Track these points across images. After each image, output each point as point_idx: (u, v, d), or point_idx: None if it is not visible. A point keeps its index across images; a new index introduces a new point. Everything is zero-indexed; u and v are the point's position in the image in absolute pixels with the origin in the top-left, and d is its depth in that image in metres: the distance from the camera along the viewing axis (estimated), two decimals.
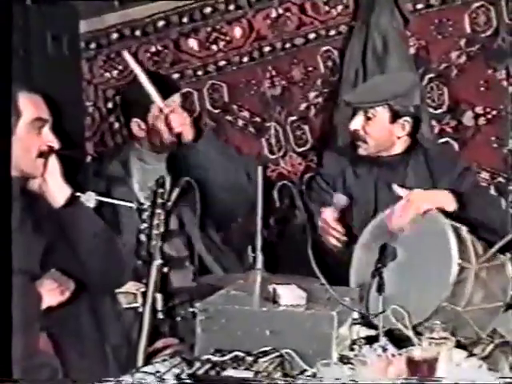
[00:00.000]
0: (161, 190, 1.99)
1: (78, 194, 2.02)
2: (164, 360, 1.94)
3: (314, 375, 1.83)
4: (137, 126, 2.75)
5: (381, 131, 2.67)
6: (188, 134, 2.64)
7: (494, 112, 3.34)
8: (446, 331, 1.95)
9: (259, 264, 2.00)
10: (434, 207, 2.29)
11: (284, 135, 3.42)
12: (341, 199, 2.59)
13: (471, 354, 2.01)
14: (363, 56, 3.22)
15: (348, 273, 2.34)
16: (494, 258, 2.23)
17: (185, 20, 3.43)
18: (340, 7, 3.31)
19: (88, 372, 2.02)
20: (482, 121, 3.36)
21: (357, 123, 2.66)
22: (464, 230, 2.21)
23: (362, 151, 2.70)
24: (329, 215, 2.51)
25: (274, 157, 3.44)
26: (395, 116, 2.64)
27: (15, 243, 1.75)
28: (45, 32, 3.05)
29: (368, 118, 2.64)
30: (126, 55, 2.93)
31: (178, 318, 2.25)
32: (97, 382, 1.76)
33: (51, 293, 1.99)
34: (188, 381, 1.74)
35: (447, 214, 2.28)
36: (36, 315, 1.96)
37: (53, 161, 2.00)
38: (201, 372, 1.77)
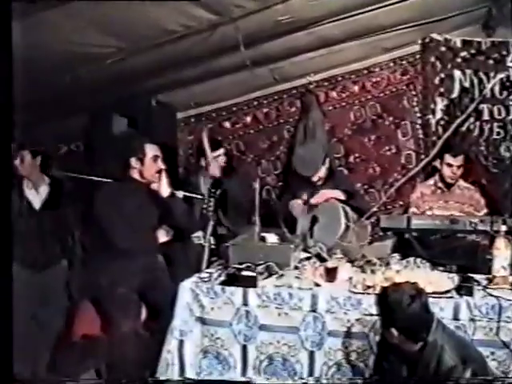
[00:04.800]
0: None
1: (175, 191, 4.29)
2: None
3: (281, 275, 4.01)
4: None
5: (321, 177, 5.06)
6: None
7: None
8: (342, 254, 4.25)
9: (257, 222, 4.30)
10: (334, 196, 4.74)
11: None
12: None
13: (354, 265, 4.23)
14: (305, 129, 5.62)
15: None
16: (361, 222, 4.64)
17: None
18: (294, 108, 5.79)
19: None
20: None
21: (316, 178, 5.03)
22: (348, 208, 4.63)
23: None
24: (294, 202, 4.88)
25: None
26: None
27: None
28: None
29: None
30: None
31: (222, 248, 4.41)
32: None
33: None
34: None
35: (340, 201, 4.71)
36: None
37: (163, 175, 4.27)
38: (230, 272, 4.02)
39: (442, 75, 5.56)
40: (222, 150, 5.29)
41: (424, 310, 3.16)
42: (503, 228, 4.02)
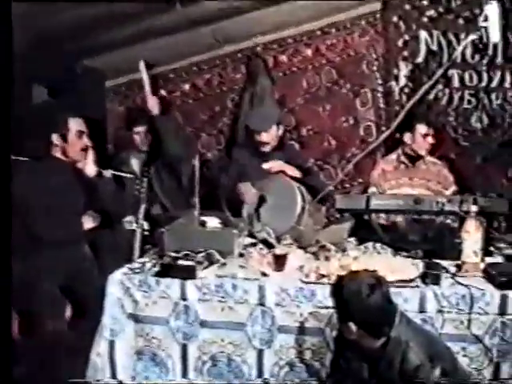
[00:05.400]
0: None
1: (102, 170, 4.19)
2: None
3: (224, 264, 3.96)
4: None
5: (273, 139, 5.01)
6: None
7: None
8: (292, 239, 4.22)
9: (197, 205, 4.23)
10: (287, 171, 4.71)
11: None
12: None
13: (306, 252, 4.21)
14: (251, 99, 5.53)
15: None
16: (316, 203, 4.60)
17: None
18: (238, 74, 5.72)
19: None
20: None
21: (268, 137, 4.99)
22: (303, 188, 4.56)
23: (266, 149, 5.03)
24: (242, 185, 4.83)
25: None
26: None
27: None
28: None
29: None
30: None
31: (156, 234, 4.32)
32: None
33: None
34: None
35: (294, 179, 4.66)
36: None
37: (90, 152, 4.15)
38: (166, 262, 3.93)
39: (406, 37, 5.56)
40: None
41: (386, 302, 3.12)
42: (474, 208, 4.00)
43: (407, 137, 5.18)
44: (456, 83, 5.59)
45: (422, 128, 5.15)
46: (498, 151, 5.71)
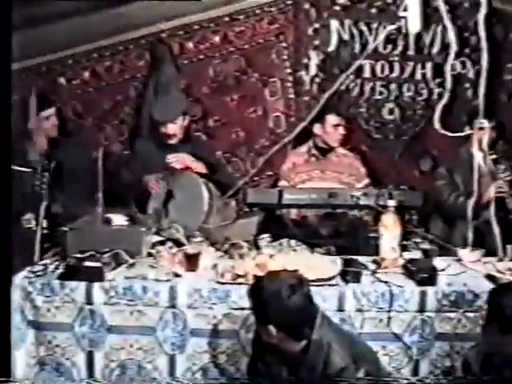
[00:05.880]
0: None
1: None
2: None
3: (132, 264, 3.83)
4: None
5: (179, 130, 4.89)
6: None
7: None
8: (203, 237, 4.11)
9: (100, 201, 4.05)
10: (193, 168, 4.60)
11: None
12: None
13: (218, 250, 4.12)
14: (156, 87, 5.41)
15: None
16: (225, 199, 4.51)
17: None
18: (142, 61, 5.58)
19: None
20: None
21: (174, 128, 4.87)
22: (211, 184, 4.49)
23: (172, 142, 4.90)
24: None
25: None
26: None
27: None
28: None
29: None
30: None
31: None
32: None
33: None
34: None
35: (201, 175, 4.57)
36: None
37: None
38: (71, 263, 3.76)
39: (317, 25, 5.53)
40: (52, 110, 5.04)
41: (307, 303, 3.05)
42: (391, 203, 4.01)
43: (317, 128, 5.15)
44: (367, 74, 5.57)
45: (332, 119, 5.17)
46: (410, 143, 5.76)
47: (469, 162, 4.92)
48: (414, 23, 4.10)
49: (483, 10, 4.09)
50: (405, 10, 4.09)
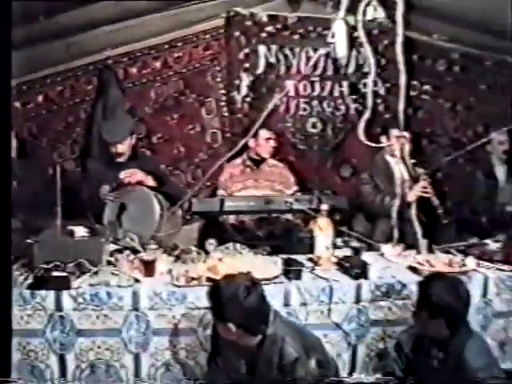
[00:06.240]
0: None
1: None
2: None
3: (96, 273, 3.67)
4: None
5: (128, 149, 4.80)
6: None
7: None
8: (156, 244, 4.00)
9: (59, 215, 3.87)
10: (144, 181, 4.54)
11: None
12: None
13: (170, 255, 4.06)
14: (104, 109, 5.29)
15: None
16: (174, 209, 4.44)
17: None
18: (90, 86, 5.41)
19: None
20: None
21: (123, 148, 4.75)
22: (160, 195, 4.41)
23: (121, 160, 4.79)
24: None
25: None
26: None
27: None
28: None
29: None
30: None
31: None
32: None
33: None
34: None
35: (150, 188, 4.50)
36: None
37: None
38: (39, 274, 3.59)
39: (247, 50, 5.51)
40: None
41: (261, 301, 3.02)
42: (325, 207, 4.01)
43: (251, 142, 5.12)
44: (292, 92, 5.56)
45: (264, 133, 5.14)
46: (331, 153, 5.79)
47: (385, 168, 5.00)
48: (341, 48, 4.12)
49: (400, 38, 4.09)
50: (333, 36, 4.08)
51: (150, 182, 4.67)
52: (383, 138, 5.05)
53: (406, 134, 4.92)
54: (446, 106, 5.91)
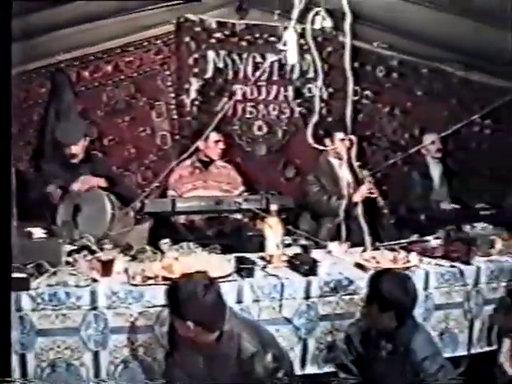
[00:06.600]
0: None
1: None
2: None
3: (54, 273, 3.60)
4: None
5: (81, 151, 4.79)
6: None
7: None
8: (112, 244, 3.98)
9: (14, 216, 3.79)
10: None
11: None
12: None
13: (126, 255, 4.02)
14: (57, 112, 5.24)
15: None
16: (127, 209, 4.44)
17: None
18: (43, 89, 5.37)
19: None
20: None
21: (76, 149, 4.72)
22: (112, 196, 4.40)
23: (74, 161, 4.76)
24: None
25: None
26: None
27: None
28: None
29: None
30: None
31: None
32: None
33: None
34: None
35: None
36: None
37: None
38: None
39: (196, 55, 5.51)
40: None
41: (218, 299, 3.03)
42: (274, 207, 4.05)
43: (201, 144, 5.11)
44: (239, 96, 5.58)
45: (213, 136, 5.12)
46: (277, 155, 5.84)
47: (329, 169, 5.06)
48: (291, 56, 4.15)
49: (348, 47, 4.16)
50: (284, 44, 4.12)
51: (102, 183, 4.67)
52: (327, 141, 5.09)
53: (352, 137, 4.98)
54: (385, 111, 6.05)
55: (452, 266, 4.07)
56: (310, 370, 3.78)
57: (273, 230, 4.02)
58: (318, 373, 3.77)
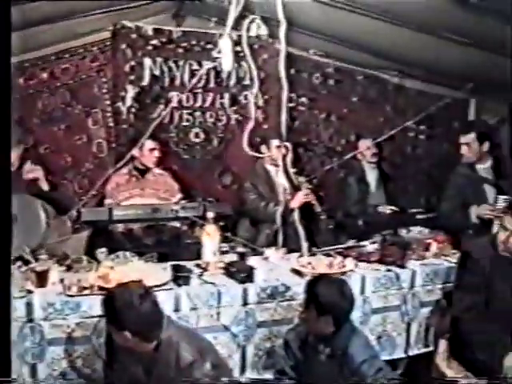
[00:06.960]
0: None
1: None
2: None
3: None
4: None
5: (15, 159, 4.65)
6: None
7: None
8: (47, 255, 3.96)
9: None
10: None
11: None
12: None
13: (62, 265, 4.01)
14: None
15: None
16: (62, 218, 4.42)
17: None
18: None
19: None
20: None
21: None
22: (46, 204, 4.36)
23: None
24: None
25: None
26: None
27: None
28: None
29: None
30: None
31: None
32: None
33: None
34: None
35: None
36: None
37: None
38: None
39: (133, 63, 5.48)
40: None
41: (155, 308, 3.05)
42: (211, 215, 4.08)
43: (136, 152, 5.09)
44: (175, 103, 5.58)
45: (149, 143, 5.12)
46: (213, 162, 5.88)
47: (265, 176, 5.12)
48: (227, 63, 4.18)
49: (283, 55, 4.21)
50: (219, 52, 4.15)
51: (45, 186, 4.71)
52: (263, 148, 5.14)
53: (288, 144, 5.05)
54: (321, 117, 6.14)
55: (388, 270, 4.18)
56: (250, 376, 3.82)
57: (210, 237, 4.05)
58: (259, 378, 3.82)
